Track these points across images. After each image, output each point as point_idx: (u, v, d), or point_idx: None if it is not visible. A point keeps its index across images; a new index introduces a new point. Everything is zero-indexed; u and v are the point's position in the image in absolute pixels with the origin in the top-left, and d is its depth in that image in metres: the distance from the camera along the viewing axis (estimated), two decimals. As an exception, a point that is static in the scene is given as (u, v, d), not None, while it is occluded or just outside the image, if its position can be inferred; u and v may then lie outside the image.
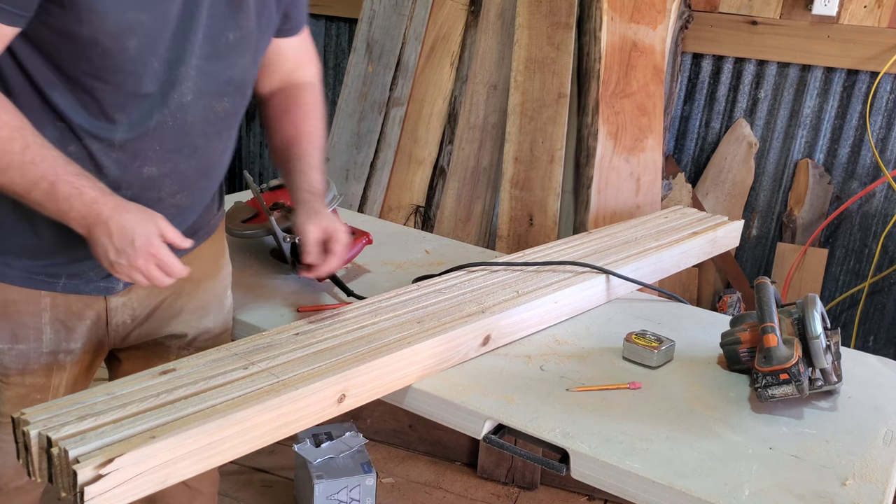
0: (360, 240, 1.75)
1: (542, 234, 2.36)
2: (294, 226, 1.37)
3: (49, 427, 0.97)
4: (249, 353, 1.20)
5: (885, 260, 2.56)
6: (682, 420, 1.24)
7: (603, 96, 2.31)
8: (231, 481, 2.33)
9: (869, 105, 2.47)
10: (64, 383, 1.29)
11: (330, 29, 3.15)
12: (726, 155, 2.65)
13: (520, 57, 2.38)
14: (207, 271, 1.42)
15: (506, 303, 1.45)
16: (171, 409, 1.03)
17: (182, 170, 1.22)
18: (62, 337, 1.26)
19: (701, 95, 2.66)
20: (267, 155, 3.47)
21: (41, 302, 1.22)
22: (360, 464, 2.12)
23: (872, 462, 1.16)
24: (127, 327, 1.34)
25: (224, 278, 1.48)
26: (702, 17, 2.56)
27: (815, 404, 1.31)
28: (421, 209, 2.61)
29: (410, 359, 1.26)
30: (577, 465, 1.15)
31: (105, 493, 0.91)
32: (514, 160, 2.38)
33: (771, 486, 1.09)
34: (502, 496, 2.35)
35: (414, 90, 2.59)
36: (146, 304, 1.34)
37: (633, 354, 1.41)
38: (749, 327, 1.38)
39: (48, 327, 1.24)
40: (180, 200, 1.26)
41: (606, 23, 2.31)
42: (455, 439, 2.44)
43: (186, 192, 1.26)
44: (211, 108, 1.21)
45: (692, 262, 1.92)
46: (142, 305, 1.34)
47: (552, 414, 1.23)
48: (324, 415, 1.16)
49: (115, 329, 1.32)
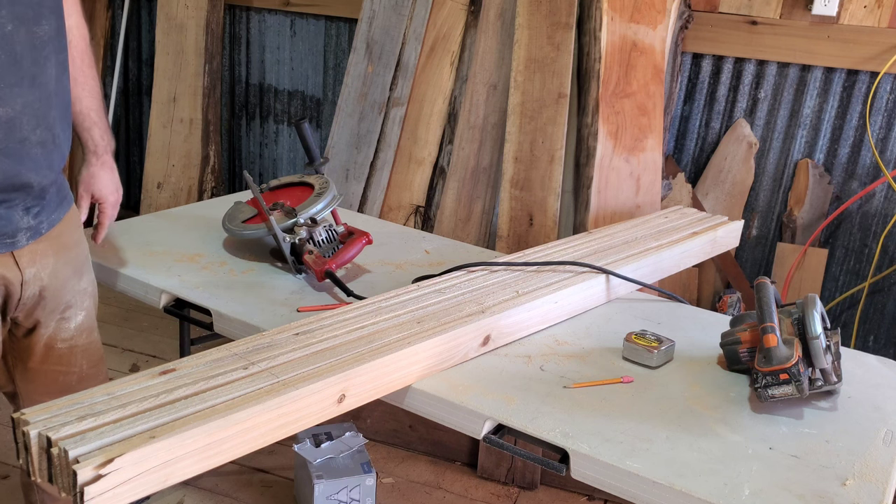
0: (360, 240, 1.75)
1: (542, 234, 2.36)
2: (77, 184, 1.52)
3: (49, 427, 0.97)
4: (249, 353, 1.20)
5: (885, 260, 2.56)
6: (682, 420, 1.24)
7: (603, 96, 2.31)
8: (231, 481, 2.33)
9: (869, 105, 2.47)
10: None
11: (330, 29, 3.16)
12: (726, 155, 2.65)
13: (520, 57, 2.38)
14: (73, 235, 1.46)
15: (506, 303, 1.45)
16: (171, 409, 1.03)
17: (31, 102, 1.24)
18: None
19: (701, 95, 2.66)
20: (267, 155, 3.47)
21: None
22: (360, 464, 2.12)
23: (872, 462, 1.16)
24: (34, 300, 1.37)
25: (84, 240, 1.52)
26: (702, 17, 2.56)
27: (815, 404, 1.31)
28: (421, 209, 2.61)
29: (410, 359, 1.26)
30: (577, 465, 1.15)
31: (105, 493, 0.91)
32: (514, 160, 2.38)
33: (771, 486, 1.09)
34: (502, 496, 2.35)
35: (414, 90, 2.59)
36: (50, 276, 1.38)
37: (633, 354, 1.41)
38: (749, 327, 1.38)
39: None
40: (42, 136, 1.27)
41: (606, 23, 2.31)
42: (455, 439, 2.44)
43: (43, 126, 1.28)
44: (33, 33, 1.22)
45: (692, 262, 1.92)
46: (48, 276, 1.37)
47: (552, 414, 1.23)
48: (324, 415, 1.16)
49: (25, 303, 1.35)
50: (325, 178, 1.87)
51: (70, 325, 1.44)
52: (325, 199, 1.78)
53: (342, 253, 1.71)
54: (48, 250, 1.35)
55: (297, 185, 1.92)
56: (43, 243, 1.34)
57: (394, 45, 2.61)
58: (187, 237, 1.88)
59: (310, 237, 1.72)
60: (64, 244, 1.39)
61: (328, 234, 1.77)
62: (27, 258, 1.32)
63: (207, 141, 3.36)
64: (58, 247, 1.38)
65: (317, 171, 1.91)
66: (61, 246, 1.38)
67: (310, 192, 1.84)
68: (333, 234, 1.78)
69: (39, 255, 1.34)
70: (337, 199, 1.81)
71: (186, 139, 3.34)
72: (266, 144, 3.45)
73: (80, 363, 1.49)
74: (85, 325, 1.48)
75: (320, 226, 1.75)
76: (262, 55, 3.35)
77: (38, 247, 1.33)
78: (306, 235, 1.71)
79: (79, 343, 1.47)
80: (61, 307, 1.42)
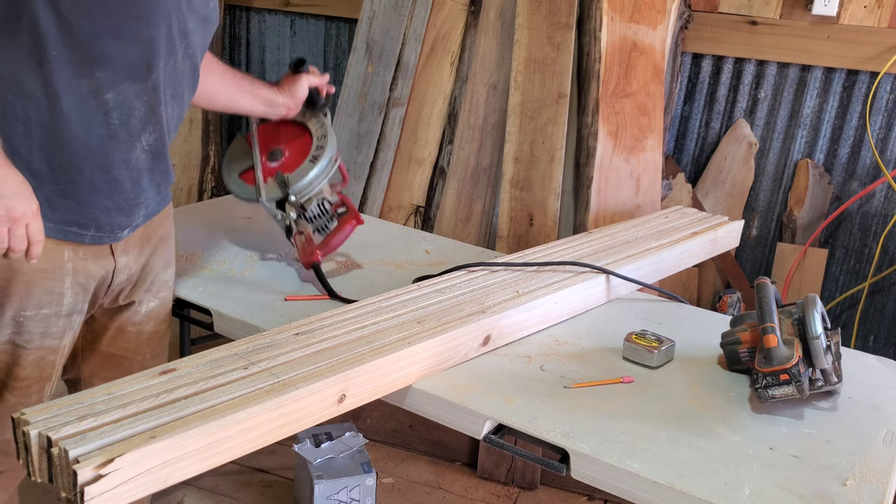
0: (350, 223, 1.70)
1: (542, 234, 2.36)
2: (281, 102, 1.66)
3: (49, 427, 0.97)
4: (249, 353, 1.20)
5: (885, 260, 2.56)
6: (682, 420, 1.24)
7: (603, 96, 2.31)
8: (231, 481, 2.33)
9: (869, 105, 2.47)
10: (69, 343, 1.37)
11: (330, 29, 3.16)
12: (726, 155, 2.65)
13: (520, 57, 2.38)
14: (169, 228, 1.53)
15: (506, 303, 1.45)
16: (171, 409, 1.03)
17: (170, 114, 1.35)
18: (79, 299, 1.34)
19: (701, 95, 2.66)
20: (267, 155, 3.48)
21: (64, 267, 1.29)
22: (360, 464, 2.11)
23: (872, 462, 1.16)
24: (121, 285, 1.42)
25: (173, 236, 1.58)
26: (702, 17, 2.55)
27: (815, 404, 1.31)
28: (421, 209, 2.61)
29: (410, 359, 1.26)
30: (577, 465, 1.15)
31: (105, 493, 0.91)
32: (514, 160, 2.38)
33: (771, 487, 1.09)
34: (502, 496, 2.35)
35: (414, 90, 2.59)
36: (138, 263, 1.43)
37: (633, 354, 1.41)
38: (749, 327, 1.38)
39: (69, 290, 1.31)
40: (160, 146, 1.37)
41: (606, 23, 2.31)
42: (455, 439, 2.43)
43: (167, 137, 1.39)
44: (187, 56, 1.35)
45: (692, 262, 1.92)
46: (136, 263, 1.42)
47: (552, 414, 1.23)
48: (324, 415, 1.16)
49: (113, 289, 1.41)
50: (324, 128, 1.76)
51: (142, 310, 1.49)
52: (319, 165, 1.69)
53: (331, 238, 1.65)
54: (139, 238, 1.41)
55: (297, 124, 1.80)
56: (137, 232, 1.40)
57: (394, 45, 2.61)
58: (187, 237, 1.88)
59: (301, 214, 1.67)
60: (155, 233, 1.45)
61: (320, 208, 1.71)
62: (121, 247, 1.37)
63: (207, 141, 3.36)
64: (148, 234, 1.43)
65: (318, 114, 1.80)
66: (151, 234, 1.44)
67: (307, 142, 1.74)
68: (325, 208, 1.72)
69: (132, 244, 1.40)
70: (333, 163, 1.71)
71: (186, 139, 3.34)
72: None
73: (145, 351, 1.53)
74: (155, 312, 1.52)
75: (314, 201, 1.69)
76: (262, 55, 3.35)
77: (132, 236, 1.39)
78: (296, 216, 1.66)
79: (146, 329, 1.51)
80: (141, 292, 1.47)
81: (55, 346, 1.34)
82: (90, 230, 1.30)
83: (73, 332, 1.36)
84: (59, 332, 1.33)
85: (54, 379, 1.38)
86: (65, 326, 1.34)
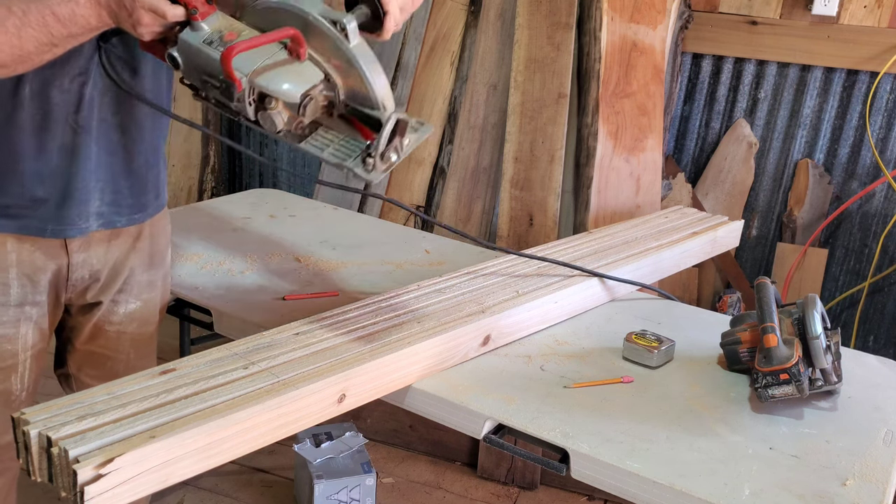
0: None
1: (542, 234, 2.36)
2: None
3: (49, 427, 0.97)
4: (249, 353, 1.20)
5: (885, 260, 2.56)
6: (682, 420, 1.24)
7: (603, 96, 2.31)
8: (231, 481, 2.33)
9: (869, 105, 2.47)
10: (31, 332, 1.37)
11: (330, 29, 3.15)
12: (726, 155, 2.65)
13: (520, 57, 2.38)
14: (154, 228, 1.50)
15: (506, 303, 1.45)
16: (170, 408, 1.03)
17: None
18: (28, 290, 1.34)
19: (701, 95, 2.66)
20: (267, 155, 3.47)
21: (8, 258, 1.30)
22: (360, 464, 2.11)
23: (872, 462, 1.16)
24: (84, 282, 1.41)
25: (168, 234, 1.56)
26: (702, 17, 2.55)
27: (815, 404, 1.31)
28: (421, 209, 2.61)
29: (410, 359, 1.26)
30: (577, 465, 1.15)
31: (105, 492, 0.91)
32: (514, 160, 2.38)
33: (771, 486, 1.09)
34: (502, 496, 2.35)
35: (414, 90, 2.59)
36: (104, 262, 1.41)
37: (633, 354, 1.41)
38: (749, 327, 1.38)
39: (15, 281, 1.32)
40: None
41: (606, 23, 2.31)
42: (455, 439, 2.43)
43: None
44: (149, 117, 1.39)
45: (692, 262, 1.92)
46: (101, 262, 1.41)
47: (552, 414, 1.23)
48: (324, 415, 1.16)
49: (74, 284, 1.39)
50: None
51: (119, 311, 1.48)
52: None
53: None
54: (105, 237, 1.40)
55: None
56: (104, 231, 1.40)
57: (394, 45, 2.61)
58: (187, 237, 1.88)
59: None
60: (129, 233, 1.44)
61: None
62: (78, 244, 1.36)
63: (207, 141, 3.36)
64: (118, 233, 1.42)
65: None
66: (123, 233, 1.43)
67: None
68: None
69: (96, 242, 1.38)
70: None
71: (186, 139, 3.34)
72: (266, 145, 3.45)
73: (128, 351, 1.52)
74: (138, 314, 1.50)
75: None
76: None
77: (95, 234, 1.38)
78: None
79: (128, 331, 1.50)
80: (112, 292, 1.45)
81: (10, 335, 1.34)
82: (21, 220, 1.30)
83: (33, 323, 1.36)
84: (12, 322, 1.33)
85: (21, 370, 1.38)
86: (17, 316, 1.34)
